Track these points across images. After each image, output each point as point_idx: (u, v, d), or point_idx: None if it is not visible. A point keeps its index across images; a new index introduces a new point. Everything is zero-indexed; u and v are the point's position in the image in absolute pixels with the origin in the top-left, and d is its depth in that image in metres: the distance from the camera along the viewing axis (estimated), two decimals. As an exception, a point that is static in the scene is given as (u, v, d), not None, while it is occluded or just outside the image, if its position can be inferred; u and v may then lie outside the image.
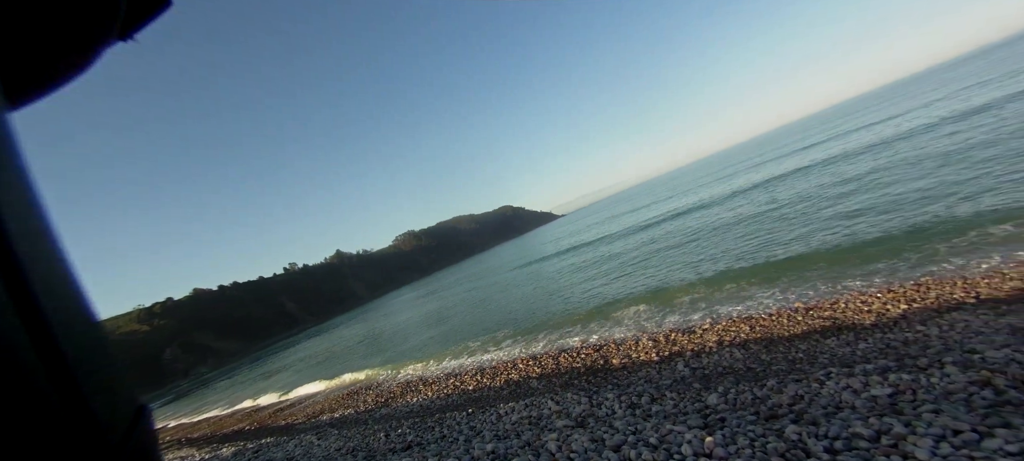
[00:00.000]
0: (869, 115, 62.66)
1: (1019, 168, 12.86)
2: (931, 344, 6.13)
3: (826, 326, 8.21)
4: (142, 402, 0.45)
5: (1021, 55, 58.58)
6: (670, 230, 28.23)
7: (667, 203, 52.03)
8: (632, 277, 19.19)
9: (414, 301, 61.26)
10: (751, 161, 67.40)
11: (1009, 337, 5.58)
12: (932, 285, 8.34)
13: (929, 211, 12.39)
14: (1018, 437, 3.56)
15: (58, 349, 0.33)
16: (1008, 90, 28.72)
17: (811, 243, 13.84)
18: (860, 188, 18.26)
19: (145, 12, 0.68)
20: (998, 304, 6.82)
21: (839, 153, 32.04)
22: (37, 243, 0.36)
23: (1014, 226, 9.50)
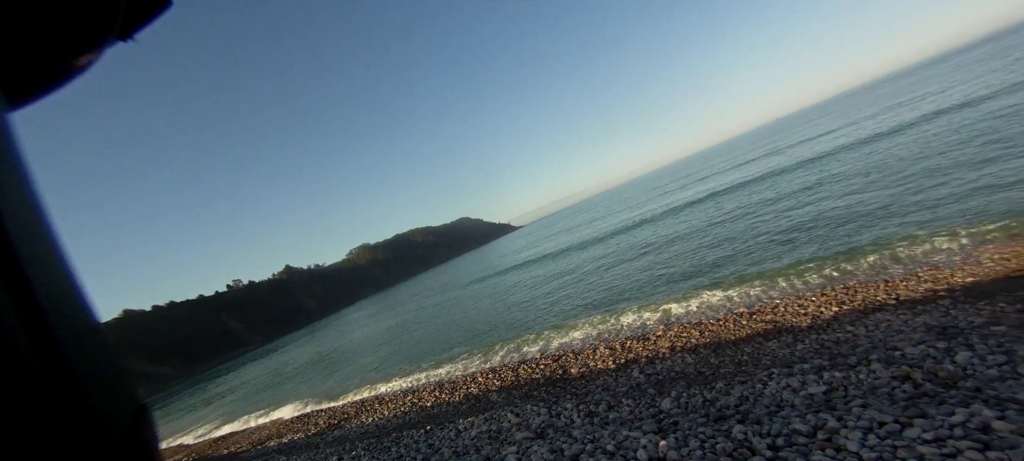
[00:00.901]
0: (804, 132, 67.82)
1: (929, 185, 14.33)
2: (859, 343, 6.63)
3: (768, 329, 8.70)
4: (142, 402, 0.45)
5: (935, 78, 65.52)
6: (623, 243, 29.07)
7: (621, 215, 53.67)
8: (588, 289, 19.54)
9: (370, 317, 59.37)
10: (697, 175, 70.88)
11: (924, 334, 6.15)
12: (859, 288, 9.05)
13: (856, 222, 13.54)
14: (933, 426, 3.91)
15: (58, 349, 0.33)
16: (922, 111, 32.01)
17: (753, 251, 14.73)
18: (796, 203, 19.68)
19: (145, 12, 0.69)
20: (915, 304, 7.51)
21: (776, 168, 34.44)
22: (37, 243, 0.36)
23: (926, 235, 10.53)
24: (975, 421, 3.76)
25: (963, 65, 67.62)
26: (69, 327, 0.35)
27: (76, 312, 0.39)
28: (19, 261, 0.32)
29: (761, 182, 30.33)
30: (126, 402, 0.42)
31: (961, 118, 22.81)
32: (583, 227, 59.81)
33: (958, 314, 6.50)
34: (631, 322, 12.56)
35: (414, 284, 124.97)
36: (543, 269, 32.18)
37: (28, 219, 0.36)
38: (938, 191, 13.09)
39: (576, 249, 35.49)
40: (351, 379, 20.27)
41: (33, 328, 0.31)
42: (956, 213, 11.00)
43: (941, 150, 17.67)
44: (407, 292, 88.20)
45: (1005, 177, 11.94)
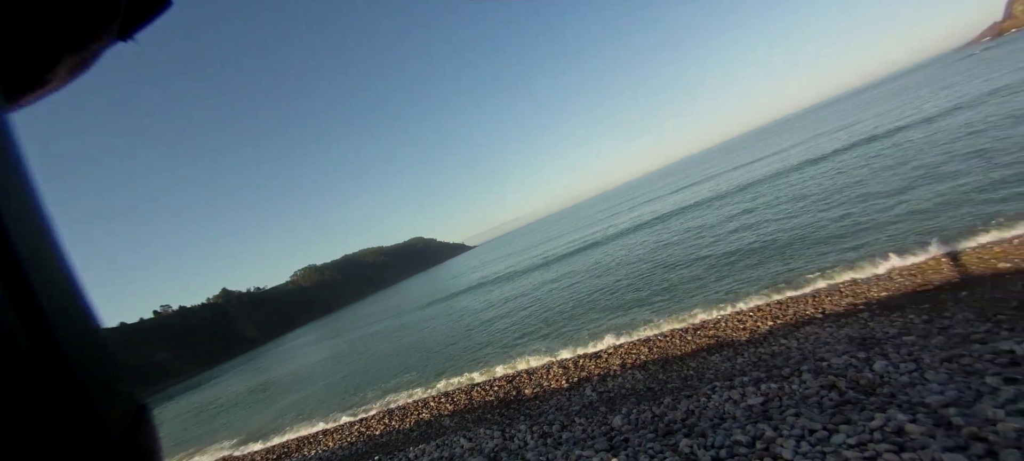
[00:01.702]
0: (741, 157, 72.89)
1: (850, 210, 15.81)
2: (792, 355, 7.08)
3: (711, 344, 9.10)
4: (142, 402, 0.44)
5: (859, 106, 72.79)
6: (574, 265, 29.54)
7: (572, 237, 54.76)
8: (542, 311, 19.66)
9: (316, 343, 56.36)
10: (642, 198, 74.16)
11: (847, 346, 6.67)
12: (790, 304, 9.72)
13: (787, 244, 14.65)
14: (856, 431, 4.21)
15: (58, 349, 0.32)
16: (844, 142, 35.40)
17: (695, 272, 15.50)
18: (733, 227, 21.02)
19: (145, 12, 0.68)
20: (838, 318, 8.15)
21: (714, 194, 36.74)
22: (37, 243, 0.36)
23: (848, 255, 11.54)
24: (891, 425, 4.09)
25: (874, 100, 75.78)
26: (69, 327, 0.35)
27: (76, 312, 0.38)
28: (19, 261, 0.32)
29: (700, 207, 32.14)
30: (126, 402, 0.41)
31: (879, 147, 25.46)
32: (536, 248, 60.39)
33: (875, 326, 7.11)
34: (584, 341, 12.72)
35: (364, 307, 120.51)
36: (498, 291, 31.99)
37: (28, 219, 0.36)
38: (857, 215, 14.44)
39: (529, 271, 35.51)
40: (291, 412, 19.00)
41: (33, 328, 0.31)
42: (872, 235, 12.15)
43: (859, 178, 19.58)
44: (357, 315, 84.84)
45: (917, 202, 13.38)
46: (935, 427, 3.90)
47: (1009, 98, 23.33)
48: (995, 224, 9.60)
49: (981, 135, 17.67)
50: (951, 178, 13.99)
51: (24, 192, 0.37)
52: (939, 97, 36.24)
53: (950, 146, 18.02)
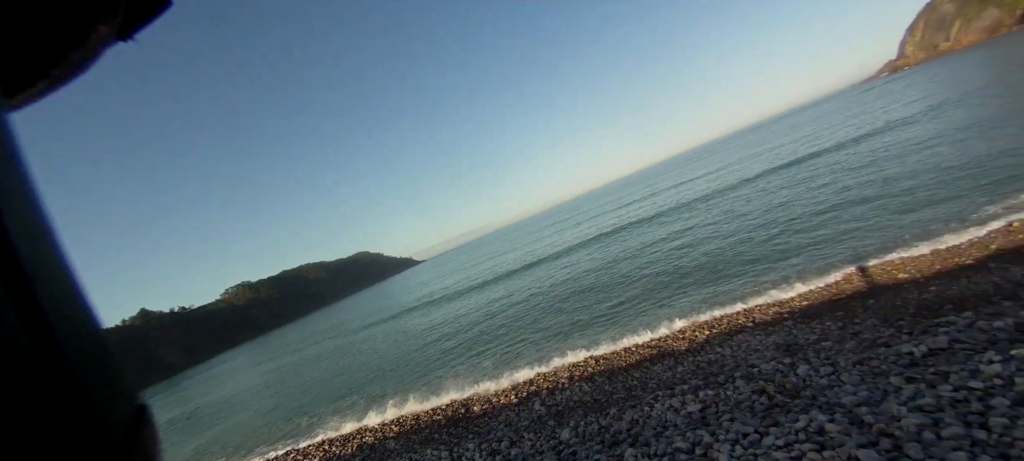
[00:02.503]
0: (676, 177, 77.22)
1: (774, 231, 17.16)
2: (726, 363, 7.48)
3: (654, 354, 9.44)
4: (142, 402, 0.43)
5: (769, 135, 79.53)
6: (522, 281, 29.70)
7: (520, 252, 55.24)
8: (491, 328, 19.58)
9: (248, 367, 52.33)
10: (587, 215, 76.38)
11: (775, 352, 7.15)
12: (725, 315, 10.31)
13: (721, 259, 15.64)
14: (784, 433, 4.49)
15: (58, 349, 0.32)
16: (770, 164, 38.47)
17: (638, 287, 16.12)
18: (673, 246, 22.17)
19: (145, 12, 0.67)
20: (767, 326, 8.74)
21: (652, 212, 38.63)
22: (37, 243, 0.35)
23: (775, 269, 12.48)
24: (813, 425, 4.41)
25: (796, 125, 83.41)
26: (69, 327, 0.35)
27: (76, 312, 0.38)
28: (19, 261, 0.31)
29: (641, 225, 33.60)
30: (126, 402, 0.41)
31: (799, 170, 27.90)
32: (483, 263, 60.04)
33: (798, 333, 7.69)
34: (532, 356, 12.76)
35: (304, 326, 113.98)
36: (445, 309, 31.15)
37: (28, 219, 0.35)
38: (782, 233, 15.71)
39: (476, 289, 34.86)
40: (214, 446, 17.44)
41: (33, 328, 0.30)
42: (795, 251, 13.24)
43: (784, 199, 21.35)
44: (295, 335, 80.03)
45: (832, 221, 14.75)
46: (850, 426, 4.24)
47: (906, 127, 26.53)
48: (897, 241, 10.78)
49: (885, 162, 19.91)
50: (861, 200, 15.60)
51: (24, 192, 0.37)
52: (850, 125, 40.49)
53: (859, 170, 20.14)
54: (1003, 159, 13.40)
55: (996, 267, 7.49)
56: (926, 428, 3.77)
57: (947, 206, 11.55)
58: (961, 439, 3.52)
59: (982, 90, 27.21)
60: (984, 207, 10.56)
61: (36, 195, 0.38)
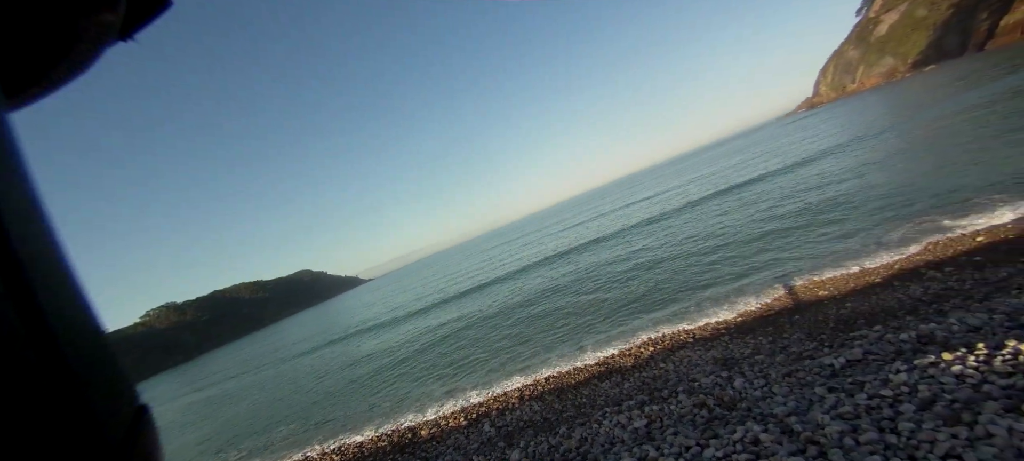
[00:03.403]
0: (622, 198, 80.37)
1: (710, 255, 18.23)
2: (669, 378, 7.75)
3: (602, 372, 9.60)
4: (143, 402, 0.43)
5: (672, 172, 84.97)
6: (473, 304, 29.50)
7: (468, 270, 54.95)
8: (442, 351, 19.19)
9: (170, 396, 47.52)
10: (532, 237, 77.44)
11: (714, 367, 7.50)
12: (668, 333, 10.72)
13: (663, 282, 16.36)
14: (722, 444, 4.69)
15: (58, 349, 0.32)
16: (709, 190, 40.93)
17: (587, 308, 16.48)
18: (615, 270, 22.95)
19: (145, 12, 0.67)
20: (706, 341, 9.17)
21: (597, 235, 39.95)
22: (37, 243, 0.35)
23: (712, 288, 13.20)
24: (749, 436, 4.64)
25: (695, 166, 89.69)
26: (69, 327, 0.35)
27: (76, 312, 0.37)
28: (19, 262, 0.31)
29: (588, 247, 34.57)
30: (126, 402, 0.40)
31: (732, 197, 29.88)
32: (433, 283, 58.94)
33: (734, 348, 8.14)
34: (482, 378, 12.59)
35: (237, 350, 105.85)
36: (393, 331, 29.99)
37: (28, 219, 0.35)
38: (718, 256, 16.71)
39: (425, 310, 33.81)
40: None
41: (33, 328, 0.30)
42: (730, 270, 14.08)
43: (720, 224, 22.76)
44: (227, 360, 74.07)
45: (763, 243, 15.85)
46: (782, 435, 4.51)
47: (823, 160, 29.29)
48: (818, 263, 11.75)
49: (806, 192, 21.84)
50: (787, 226, 16.96)
51: (24, 192, 0.36)
52: (776, 156, 44.17)
53: (785, 199, 21.95)
54: (900, 191, 15.12)
55: (899, 285, 8.35)
56: (846, 434, 4.08)
57: (859, 232, 12.79)
58: (876, 443, 3.83)
59: (882, 132, 30.69)
60: (888, 233, 11.80)
61: (36, 195, 0.38)
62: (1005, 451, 3.22)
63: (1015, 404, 3.62)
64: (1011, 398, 3.73)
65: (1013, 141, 15.31)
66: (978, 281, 7.22)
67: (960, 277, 7.69)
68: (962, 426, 3.61)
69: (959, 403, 3.93)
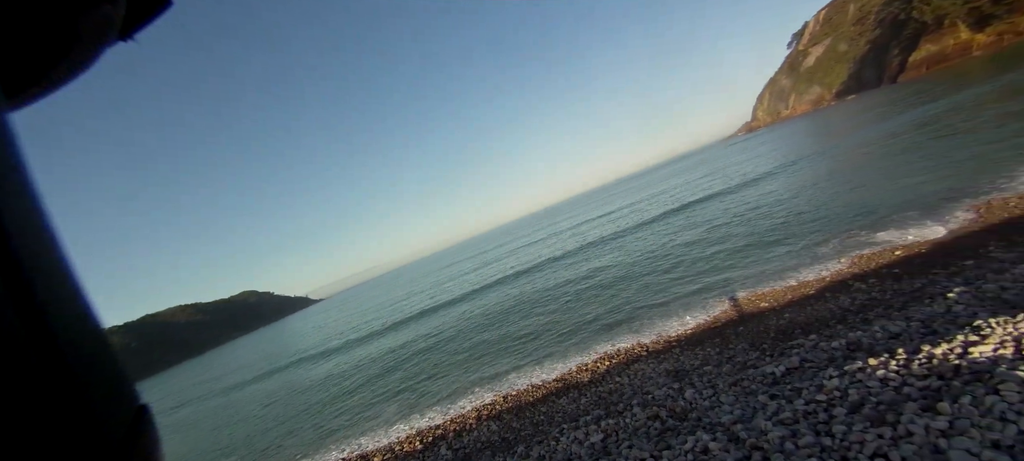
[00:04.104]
0: (576, 217, 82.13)
1: (658, 276, 18.93)
2: (625, 391, 7.88)
3: (560, 388, 9.63)
4: (143, 402, 0.43)
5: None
6: (431, 321, 28.92)
7: (427, 289, 54.00)
8: (394, 372, 18.62)
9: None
10: (484, 256, 77.61)
11: (667, 379, 7.71)
12: (622, 347, 10.94)
13: (619, 298, 16.78)
14: (675, 455, 4.80)
15: (58, 349, 0.32)
16: (661, 210, 42.56)
17: (544, 325, 16.59)
18: (583, 289, 23.34)
19: (145, 12, 0.66)
20: (659, 354, 9.43)
21: (553, 254, 40.60)
22: (37, 243, 0.35)
23: (665, 304, 13.66)
24: (699, 445, 4.78)
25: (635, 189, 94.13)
26: (69, 327, 0.34)
27: (76, 312, 0.37)
28: (19, 261, 0.31)
29: (546, 266, 34.99)
30: (126, 402, 0.40)
31: (678, 219, 31.25)
32: (387, 302, 57.29)
33: (684, 359, 8.41)
34: (438, 400, 12.29)
35: (169, 379, 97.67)
36: (345, 355, 28.47)
37: (28, 218, 0.35)
38: (670, 272, 17.37)
39: (380, 332, 32.28)
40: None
41: (33, 328, 0.30)
42: (681, 287, 14.66)
43: (670, 242, 23.71)
44: (158, 392, 68.05)
45: (710, 259, 16.63)
46: (729, 443, 4.68)
47: (763, 182, 31.35)
48: (759, 277, 12.45)
49: (749, 211, 23.25)
50: (732, 242, 17.94)
51: (24, 192, 0.36)
52: (720, 177, 46.84)
53: (732, 218, 23.25)
54: (829, 210, 16.41)
55: (830, 297, 9.00)
56: (787, 439, 4.30)
57: (795, 248, 13.72)
58: (813, 447, 4.06)
59: (812, 156, 33.37)
60: (820, 249, 12.72)
61: (36, 195, 0.38)
62: (923, 447, 3.50)
63: (930, 404, 3.95)
64: (927, 398, 4.07)
65: (919, 168, 17.06)
66: (897, 292, 7.91)
67: (882, 288, 8.39)
68: (887, 426, 3.89)
69: (883, 405, 4.24)
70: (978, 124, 20.47)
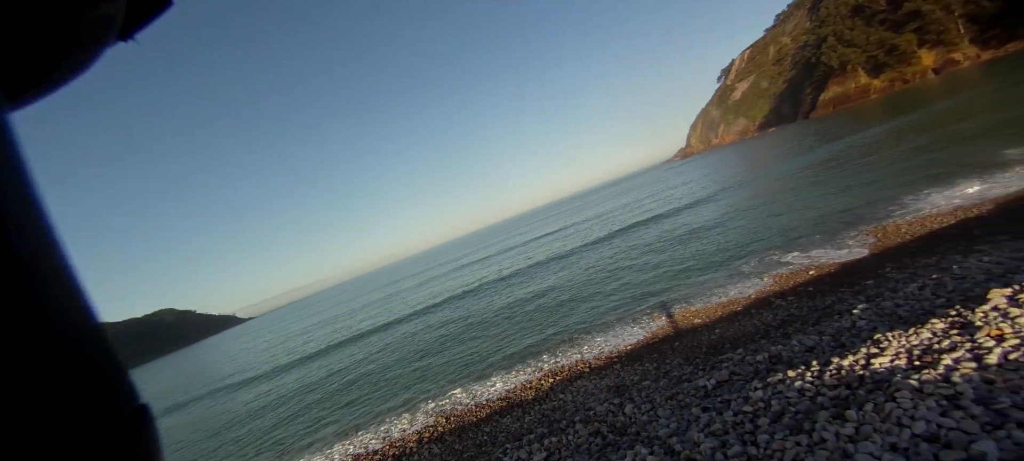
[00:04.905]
0: (510, 241, 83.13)
1: (602, 295, 19.51)
2: (568, 408, 7.95)
3: (504, 407, 9.54)
4: (143, 402, 0.43)
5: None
6: (369, 343, 27.87)
7: (365, 308, 52.07)
8: (329, 396, 17.64)
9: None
10: (414, 279, 76.64)
11: (608, 395, 7.87)
12: (566, 364, 11.07)
13: (557, 318, 17.06)
14: (615, 470, 4.87)
15: (58, 349, 0.32)
16: (607, 231, 43.93)
17: (489, 343, 16.49)
18: (527, 310, 23.50)
19: (145, 12, 0.66)
20: (600, 371, 9.63)
21: (503, 275, 40.80)
22: (37, 243, 0.35)
23: (606, 321, 14.04)
24: (637, 459, 4.88)
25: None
26: (69, 327, 0.34)
27: (76, 312, 0.37)
28: (19, 261, 0.31)
29: (491, 287, 35.04)
30: (126, 402, 0.40)
31: (614, 243, 32.47)
32: (324, 323, 54.35)
33: (625, 375, 8.65)
34: (378, 424, 11.76)
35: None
36: (275, 381, 26.31)
37: (28, 218, 0.35)
38: (611, 291, 17.94)
39: (313, 355, 30.11)
40: None
41: (33, 328, 0.30)
42: (622, 304, 15.16)
43: (611, 264, 24.55)
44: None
45: (649, 280, 17.34)
46: (665, 456, 4.83)
47: (697, 208, 33.47)
48: (693, 295, 13.17)
49: (684, 234, 24.67)
50: (667, 263, 18.90)
51: (24, 192, 0.36)
52: (658, 200, 49.48)
53: (666, 242, 24.53)
54: (755, 233, 17.82)
55: (755, 313, 9.68)
56: (717, 450, 4.50)
57: (725, 267, 14.69)
58: (740, 456, 4.28)
59: (740, 185, 36.23)
60: (747, 268, 13.71)
61: (36, 195, 0.37)
62: (834, 453, 3.80)
63: (839, 412, 4.32)
64: (837, 406, 4.44)
65: (829, 197, 19.03)
66: (811, 308, 8.66)
67: (799, 305, 9.15)
68: (804, 434, 4.20)
69: (801, 414, 4.58)
70: (874, 161, 23.21)
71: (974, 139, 18.95)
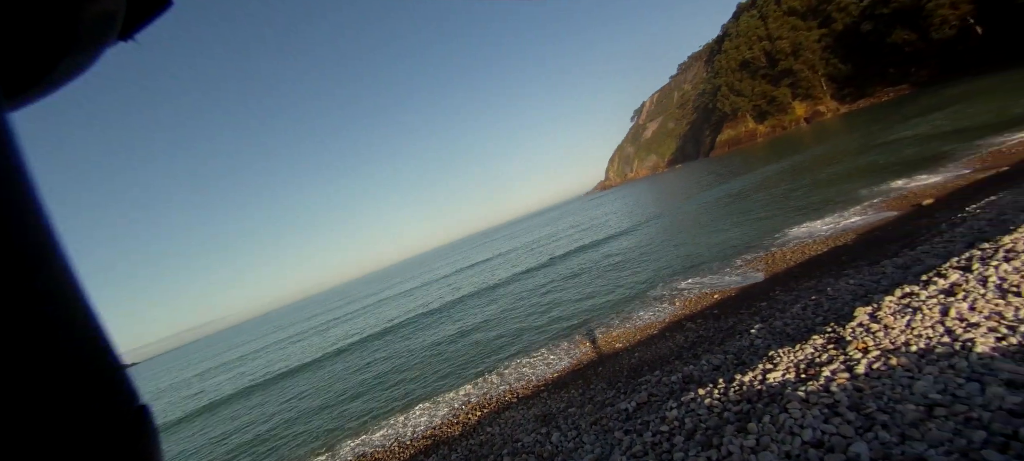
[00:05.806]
0: (456, 262, 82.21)
1: (526, 319, 19.75)
2: (495, 442, 7.78)
3: (429, 445, 9.10)
4: (143, 402, 0.43)
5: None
6: (282, 386, 25.69)
7: (270, 349, 47.81)
8: (240, 450, 15.72)
9: None
10: (319, 319, 73.04)
11: (535, 424, 7.84)
12: (493, 395, 10.91)
13: (486, 350, 16.91)
14: (542, 501, 4.81)
15: (58, 349, 0.32)
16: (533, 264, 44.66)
17: (412, 381, 15.84)
18: (450, 342, 23.00)
19: (145, 12, 0.67)
20: (528, 400, 9.61)
21: (427, 310, 39.87)
22: (37, 242, 0.35)
23: (531, 349, 14.14)
24: (564, 488, 4.87)
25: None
26: (69, 327, 0.35)
27: (76, 312, 0.37)
28: (19, 260, 0.31)
29: (413, 323, 34.07)
30: (126, 402, 0.40)
31: (538, 276, 33.25)
32: (227, 366, 48.93)
33: (551, 403, 8.70)
34: (288, 470, 10.61)
35: None
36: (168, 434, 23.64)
37: (28, 218, 0.35)
38: (538, 320, 18.17)
39: (217, 406, 27.73)
40: None
41: (33, 327, 0.30)
42: (547, 334, 15.39)
43: (537, 294, 24.99)
44: None
45: (577, 308, 17.81)
46: (590, 482, 4.87)
47: (617, 239, 35.43)
48: (613, 320, 13.76)
49: (602, 264, 25.91)
50: (591, 289, 19.64)
51: (24, 192, 0.36)
52: (582, 232, 51.72)
53: (587, 270, 25.58)
54: (667, 261, 19.27)
55: (669, 336, 10.33)
56: (638, 471, 4.64)
57: (642, 294, 15.60)
58: (659, 476, 4.44)
59: (652, 217, 39.20)
60: (662, 294, 14.67)
61: (36, 195, 0.37)
62: (740, 464, 4.09)
63: (742, 425, 4.68)
64: (740, 420, 4.82)
65: (726, 229, 21.23)
66: (717, 329, 9.43)
67: (706, 326, 9.93)
68: (713, 449, 4.48)
69: (710, 430, 4.89)
70: (763, 198, 26.39)
71: (839, 181, 22.35)
